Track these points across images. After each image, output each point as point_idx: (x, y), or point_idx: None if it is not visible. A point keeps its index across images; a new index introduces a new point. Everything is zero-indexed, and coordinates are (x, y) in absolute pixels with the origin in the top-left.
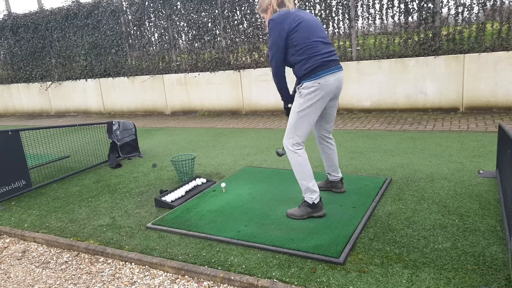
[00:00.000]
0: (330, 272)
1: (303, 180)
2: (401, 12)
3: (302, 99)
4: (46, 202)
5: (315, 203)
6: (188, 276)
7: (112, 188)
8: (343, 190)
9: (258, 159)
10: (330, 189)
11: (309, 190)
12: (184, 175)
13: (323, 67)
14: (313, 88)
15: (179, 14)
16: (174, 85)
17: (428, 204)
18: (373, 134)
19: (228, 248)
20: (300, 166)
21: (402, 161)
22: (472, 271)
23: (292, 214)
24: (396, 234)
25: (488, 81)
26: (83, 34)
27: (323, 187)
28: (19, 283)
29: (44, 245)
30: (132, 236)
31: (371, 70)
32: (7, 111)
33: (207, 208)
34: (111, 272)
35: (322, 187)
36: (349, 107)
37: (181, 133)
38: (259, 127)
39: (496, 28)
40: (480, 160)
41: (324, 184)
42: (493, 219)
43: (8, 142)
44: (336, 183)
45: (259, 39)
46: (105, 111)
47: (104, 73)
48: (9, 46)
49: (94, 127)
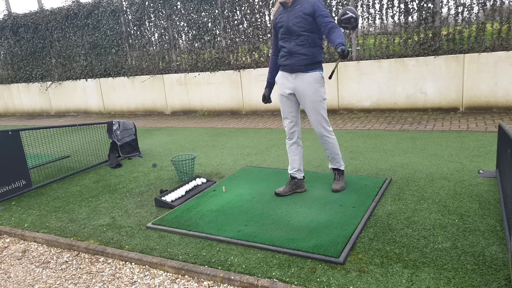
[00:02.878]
0: (330, 272)
1: (337, 155)
2: (401, 12)
3: (323, 87)
4: (46, 202)
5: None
6: (188, 276)
7: (112, 188)
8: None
9: (258, 159)
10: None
11: (342, 159)
12: (184, 175)
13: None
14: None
15: (179, 14)
16: (174, 85)
17: (428, 204)
18: (373, 134)
19: (228, 248)
20: (336, 143)
21: (402, 161)
22: (472, 271)
23: (341, 187)
24: (396, 234)
25: (488, 81)
26: (83, 34)
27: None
28: (19, 283)
29: (44, 245)
30: (132, 236)
31: (371, 70)
32: (7, 111)
33: (207, 208)
34: (111, 272)
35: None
36: (349, 107)
37: (181, 133)
38: (259, 127)
39: (496, 28)
40: (480, 160)
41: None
42: (493, 219)
43: (8, 142)
44: (300, 181)
45: (259, 39)
46: (105, 111)
47: (104, 73)
48: (9, 46)
49: (94, 127)
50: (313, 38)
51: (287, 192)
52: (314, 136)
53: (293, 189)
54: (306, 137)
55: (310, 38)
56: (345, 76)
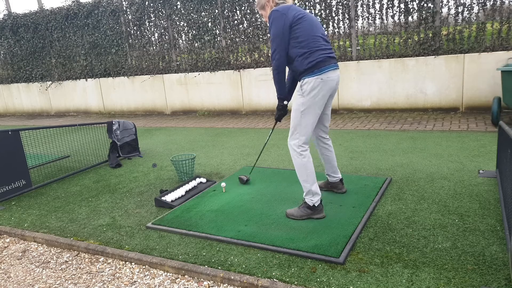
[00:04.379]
0: (330, 272)
1: (306, 182)
2: (401, 12)
3: (304, 98)
4: (46, 202)
5: (315, 206)
6: (188, 275)
7: (112, 188)
8: (344, 190)
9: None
10: (331, 189)
11: (310, 192)
12: (184, 175)
13: (325, 63)
14: (316, 84)
15: (179, 14)
16: (174, 85)
17: (428, 204)
18: (373, 134)
19: (228, 248)
20: (304, 168)
21: (402, 161)
22: (472, 271)
23: (291, 214)
24: (396, 234)
25: (488, 81)
26: (83, 34)
27: (324, 188)
28: (19, 283)
29: (44, 245)
30: (132, 236)
31: (371, 70)
32: (7, 111)
33: (207, 208)
34: (111, 271)
35: (323, 188)
36: (349, 107)
37: (181, 133)
38: (259, 127)
39: (496, 28)
40: (480, 160)
41: (325, 185)
42: (493, 219)
43: (8, 142)
44: (336, 184)
45: (259, 39)
46: (105, 111)
47: (104, 73)
48: (9, 46)
49: (94, 127)
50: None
51: (322, 188)
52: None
53: (328, 187)
54: None
55: None
56: (345, 76)
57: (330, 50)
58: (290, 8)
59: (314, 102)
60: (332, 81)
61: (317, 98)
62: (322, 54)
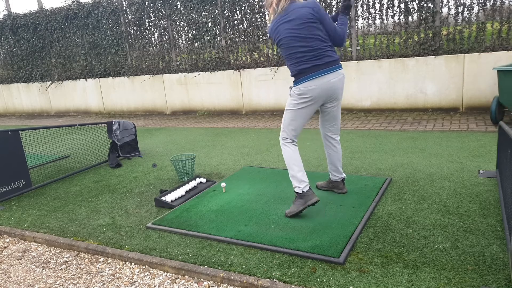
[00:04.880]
0: (330, 272)
1: (291, 170)
2: (401, 12)
3: (290, 100)
4: (46, 202)
5: (304, 192)
6: (188, 276)
7: (112, 188)
8: (345, 191)
9: (258, 159)
10: (332, 189)
11: (296, 179)
12: (184, 175)
13: (303, 74)
14: (297, 92)
15: (179, 13)
16: (174, 85)
17: (428, 204)
18: (373, 134)
19: (228, 248)
20: (288, 157)
21: (402, 161)
22: (472, 271)
23: (289, 212)
24: (396, 234)
25: (488, 81)
26: (83, 34)
27: (325, 187)
28: (19, 283)
29: (44, 245)
30: (132, 236)
31: (371, 70)
32: (7, 111)
33: (207, 208)
34: (111, 272)
35: (324, 187)
36: (349, 107)
37: (181, 133)
38: (259, 127)
39: (496, 28)
40: (480, 160)
41: (326, 184)
42: (493, 219)
43: (8, 142)
44: (337, 183)
45: (259, 39)
46: (105, 111)
47: (104, 73)
48: (9, 46)
49: (94, 127)
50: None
51: (323, 187)
52: (314, 136)
53: (329, 187)
54: (306, 137)
55: None
56: (345, 76)
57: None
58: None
59: (296, 109)
60: (313, 90)
61: (299, 106)
62: (299, 67)
